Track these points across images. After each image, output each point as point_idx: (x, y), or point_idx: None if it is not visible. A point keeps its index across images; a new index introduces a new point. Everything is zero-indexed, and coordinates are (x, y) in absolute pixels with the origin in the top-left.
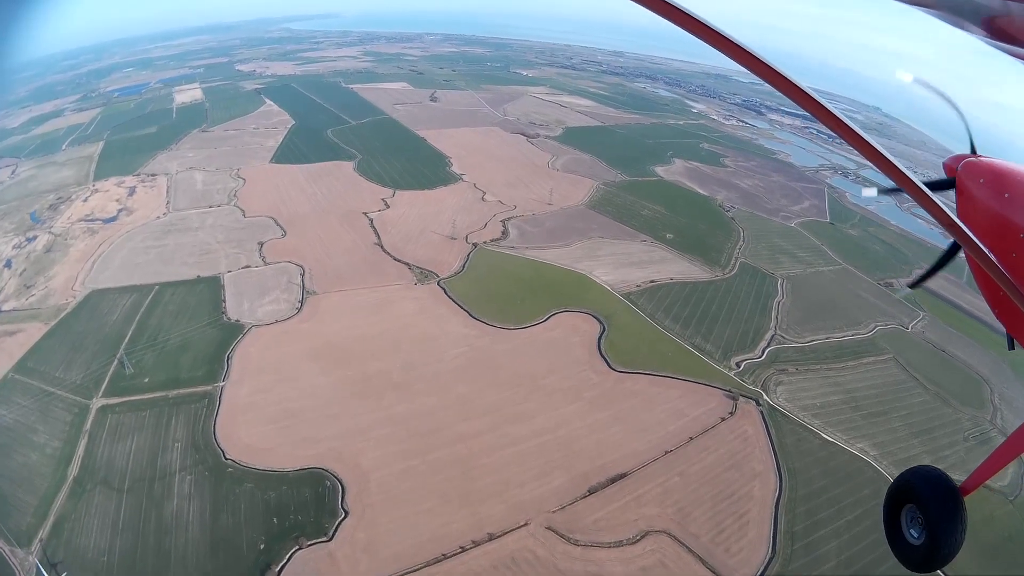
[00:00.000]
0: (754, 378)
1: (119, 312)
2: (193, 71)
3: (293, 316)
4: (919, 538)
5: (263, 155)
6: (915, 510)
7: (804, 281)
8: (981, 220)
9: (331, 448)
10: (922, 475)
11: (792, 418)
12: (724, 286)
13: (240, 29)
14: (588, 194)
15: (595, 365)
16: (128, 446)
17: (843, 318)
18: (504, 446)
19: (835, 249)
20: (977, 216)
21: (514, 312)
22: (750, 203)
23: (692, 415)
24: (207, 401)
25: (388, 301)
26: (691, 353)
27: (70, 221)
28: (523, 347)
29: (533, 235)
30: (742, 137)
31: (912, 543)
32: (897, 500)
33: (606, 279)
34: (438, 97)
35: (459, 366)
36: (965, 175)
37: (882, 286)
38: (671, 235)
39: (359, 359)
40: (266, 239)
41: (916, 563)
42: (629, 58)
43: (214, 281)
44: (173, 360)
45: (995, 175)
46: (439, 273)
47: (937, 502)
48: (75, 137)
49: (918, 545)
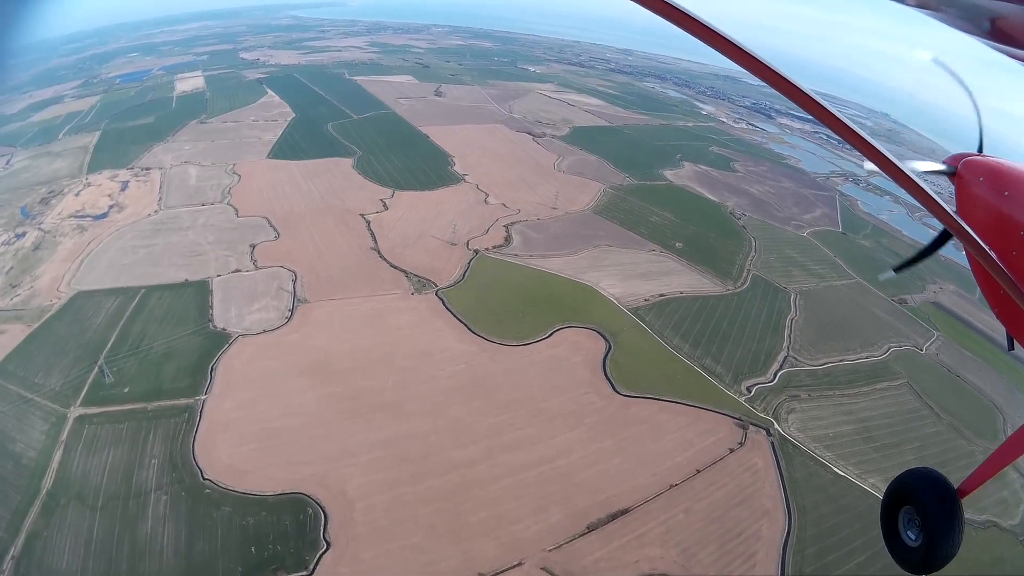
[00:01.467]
0: (765, 405)
1: (103, 316)
2: (197, 58)
3: (282, 326)
4: (916, 540)
5: (260, 149)
6: (912, 512)
7: (817, 297)
8: (981, 218)
9: (315, 472)
10: (920, 477)
11: (803, 450)
12: (736, 301)
13: (247, 15)
14: (595, 198)
15: (599, 387)
16: (104, 460)
17: (857, 338)
18: (499, 477)
19: (848, 262)
20: (977, 214)
21: (515, 327)
22: (761, 210)
23: (700, 445)
24: (187, 415)
25: (382, 312)
26: (701, 376)
27: (60, 217)
28: (523, 366)
29: (537, 242)
30: (752, 141)
31: (909, 545)
32: (895, 502)
33: (613, 292)
34: (443, 92)
35: (455, 385)
36: (965, 173)
37: (896, 303)
38: (680, 244)
39: (349, 375)
40: (258, 241)
41: (913, 565)
42: (638, 57)
43: (202, 286)
44: (155, 369)
45: (995, 174)
46: (437, 282)
47: (935, 504)
48: (73, 125)
49: (915, 547)
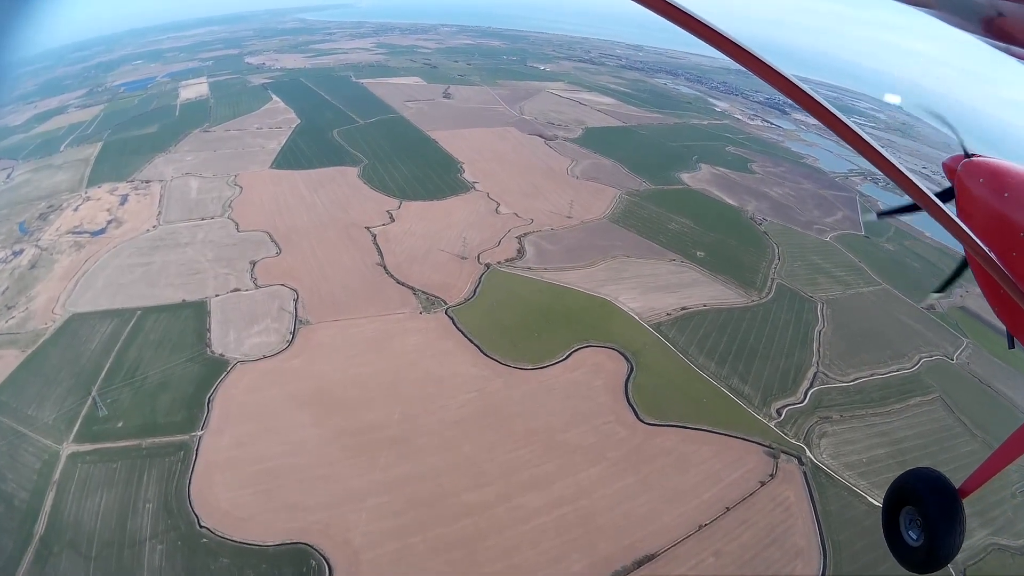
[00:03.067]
0: (796, 429)
1: (98, 341)
2: (202, 64)
3: (283, 351)
4: (918, 540)
5: (263, 159)
6: (914, 512)
7: (844, 305)
8: (981, 219)
9: (317, 520)
10: (921, 477)
11: (837, 478)
12: (761, 313)
13: (253, 19)
14: (611, 205)
15: (621, 415)
16: (97, 503)
17: (887, 349)
18: (516, 521)
19: (873, 267)
20: (977, 215)
21: (530, 348)
22: (782, 215)
23: (729, 479)
24: (183, 453)
25: (389, 334)
26: (728, 398)
27: (58, 233)
28: (540, 392)
29: (551, 254)
30: (768, 139)
31: (911, 544)
32: (896, 501)
33: (633, 306)
34: (452, 93)
35: (467, 416)
36: (965, 175)
37: (924, 309)
38: (702, 253)
39: (353, 407)
40: (259, 257)
41: (915, 564)
42: (649, 52)
43: (200, 307)
44: (150, 401)
45: (994, 174)
46: (447, 300)
47: (936, 504)
48: (75, 137)
49: (917, 547)
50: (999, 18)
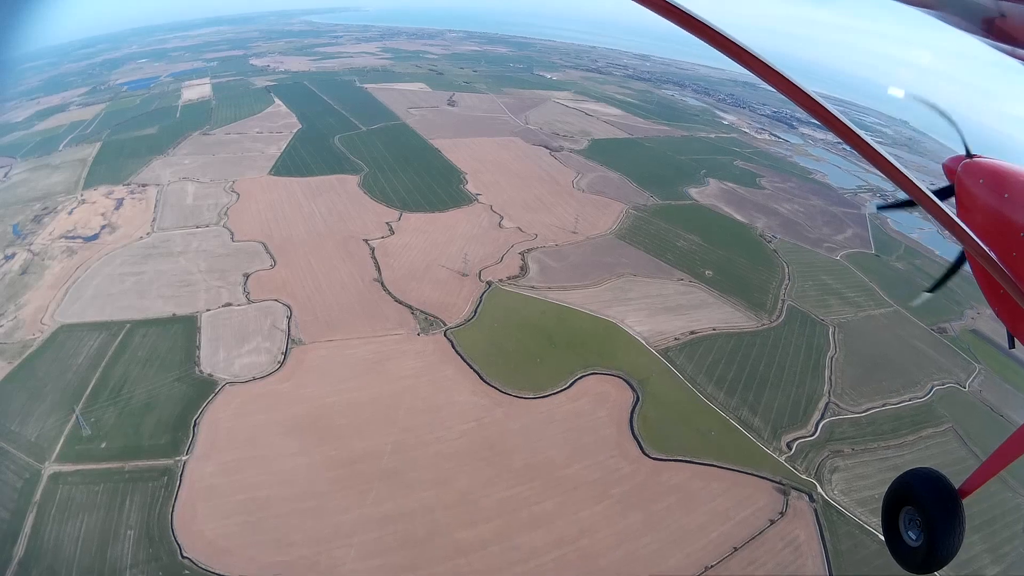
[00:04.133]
0: (807, 463)
1: (85, 355)
2: (207, 64)
3: (273, 372)
4: (917, 540)
5: (262, 164)
6: (913, 512)
7: (856, 329)
8: (981, 220)
9: (304, 555)
10: (921, 477)
11: (848, 516)
12: (772, 337)
13: (260, 20)
14: (617, 220)
15: (626, 449)
16: (78, 527)
17: (899, 376)
18: (513, 562)
19: (884, 287)
20: (977, 216)
21: (532, 374)
22: (792, 232)
23: (737, 517)
24: (166, 479)
25: (385, 356)
26: (737, 431)
27: (51, 237)
28: (541, 424)
29: (556, 272)
30: (776, 154)
31: (911, 545)
32: (895, 502)
33: (639, 330)
34: (456, 101)
35: (464, 448)
36: (965, 176)
37: (935, 332)
38: (710, 272)
39: (345, 435)
40: (253, 270)
41: (915, 565)
42: (656, 63)
43: (190, 322)
44: (135, 422)
45: (994, 175)
46: (446, 320)
47: (936, 504)
48: (75, 136)
49: (916, 547)
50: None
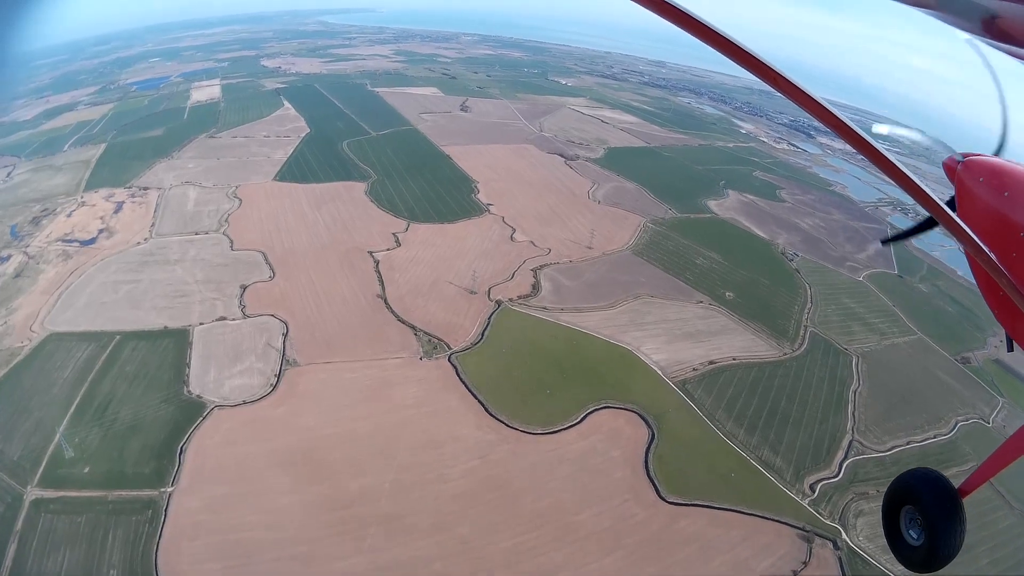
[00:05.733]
0: (831, 507)
1: (72, 367)
2: (218, 65)
3: (266, 396)
4: (918, 539)
5: (268, 170)
6: (914, 511)
7: (880, 359)
8: (981, 219)
9: None
10: (921, 476)
11: (874, 564)
12: (794, 368)
13: (275, 20)
14: (634, 235)
15: (641, 492)
16: (60, 562)
17: (924, 411)
18: None
19: (907, 312)
20: (977, 215)
21: (542, 407)
22: (813, 249)
23: (758, 568)
24: (151, 512)
25: (385, 383)
26: (758, 472)
27: (48, 240)
28: (551, 463)
29: (570, 291)
30: (795, 164)
31: (912, 544)
32: (896, 501)
33: (656, 358)
34: (469, 106)
35: (468, 490)
36: (965, 174)
37: (959, 362)
38: (731, 294)
39: (340, 471)
40: (250, 281)
41: (916, 563)
42: (671, 69)
43: (182, 336)
44: (119, 445)
45: (994, 174)
46: (451, 343)
47: (936, 503)
48: (80, 136)
49: (917, 546)
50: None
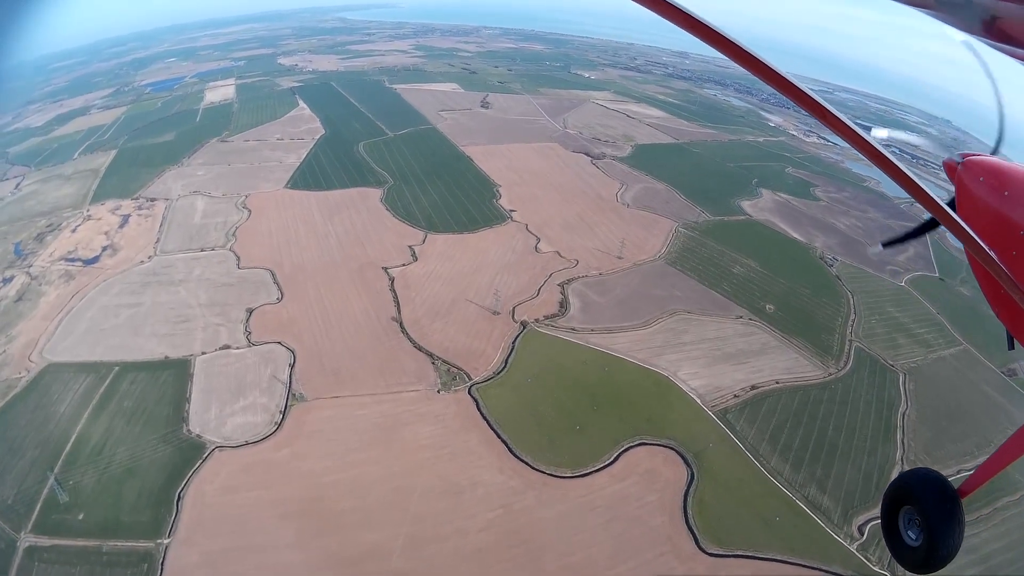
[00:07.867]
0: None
1: (69, 402)
2: (234, 64)
3: (270, 435)
4: (917, 540)
5: (279, 176)
6: (913, 512)
7: (927, 376)
8: (981, 218)
9: None
10: (920, 477)
11: None
12: (840, 391)
13: (293, 17)
14: (666, 241)
15: (679, 543)
16: None
17: (973, 434)
18: None
19: (951, 319)
20: (977, 214)
21: (570, 445)
22: (852, 252)
23: None
24: (146, 567)
25: (399, 421)
26: (804, 514)
27: (51, 259)
28: (581, 511)
29: (599, 309)
30: (827, 159)
31: (910, 544)
32: (895, 502)
33: (694, 384)
34: (490, 102)
35: (489, 544)
36: (965, 174)
37: (1005, 374)
38: (771, 307)
39: (349, 522)
40: (257, 304)
41: (915, 564)
42: (695, 60)
43: (183, 367)
44: (115, 490)
45: (995, 173)
46: (472, 373)
47: (935, 504)
48: (91, 143)
49: (916, 547)
50: (998, 19)
